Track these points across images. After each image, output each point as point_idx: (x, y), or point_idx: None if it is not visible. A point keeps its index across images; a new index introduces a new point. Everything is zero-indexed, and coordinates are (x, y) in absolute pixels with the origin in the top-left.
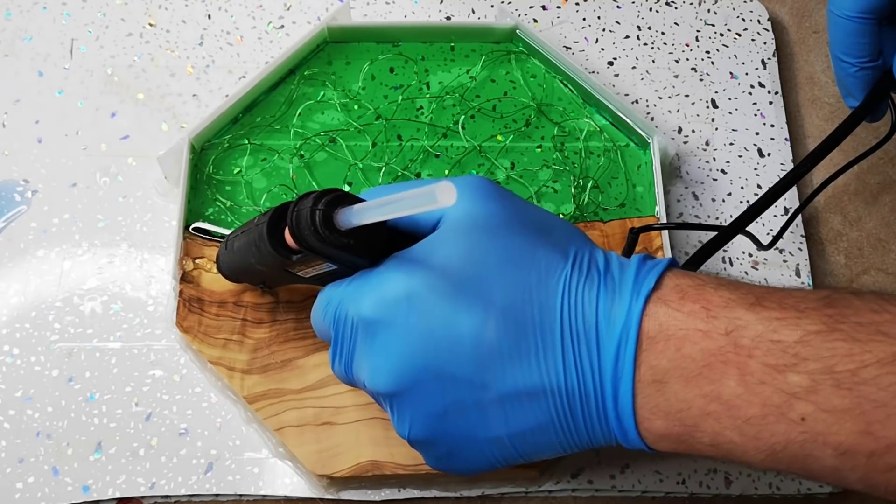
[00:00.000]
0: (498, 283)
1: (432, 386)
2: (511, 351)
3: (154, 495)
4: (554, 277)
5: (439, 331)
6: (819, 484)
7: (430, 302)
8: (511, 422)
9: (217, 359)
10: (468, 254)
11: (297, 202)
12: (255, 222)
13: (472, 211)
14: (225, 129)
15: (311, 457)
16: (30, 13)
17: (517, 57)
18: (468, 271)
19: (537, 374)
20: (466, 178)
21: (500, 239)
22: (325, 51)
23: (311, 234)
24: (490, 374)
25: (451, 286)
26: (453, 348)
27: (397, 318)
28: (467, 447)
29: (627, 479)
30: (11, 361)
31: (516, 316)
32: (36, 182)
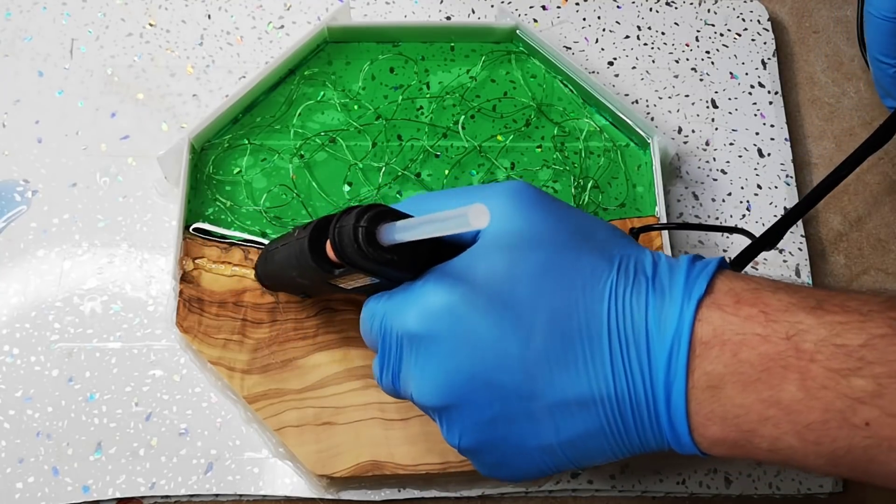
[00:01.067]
0: (542, 292)
1: (480, 397)
2: (559, 360)
3: (154, 495)
4: (599, 284)
5: (484, 343)
6: (819, 484)
7: (473, 315)
8: (561, 430)
9: (217, 359)
10: (510, 264)
11: (339, 218)
12: (295, 235)
13: (511, 220)
14: (225, 129)
15: (311, 457)
16: (30, 13)
17: (517, 57)
18: (510, 282)
19: (586, 383)
20: (506, 184)
21: (542, 247)
22: (325, 51)
23: (354, 252)
24: (538, 384)
25: (493, 298)
26: (500, 360)
27: (441, 332)
28: (518, 455)
29: (627, 479)
30: (11, 361)
31: (562, 325)
32: (36, 182)
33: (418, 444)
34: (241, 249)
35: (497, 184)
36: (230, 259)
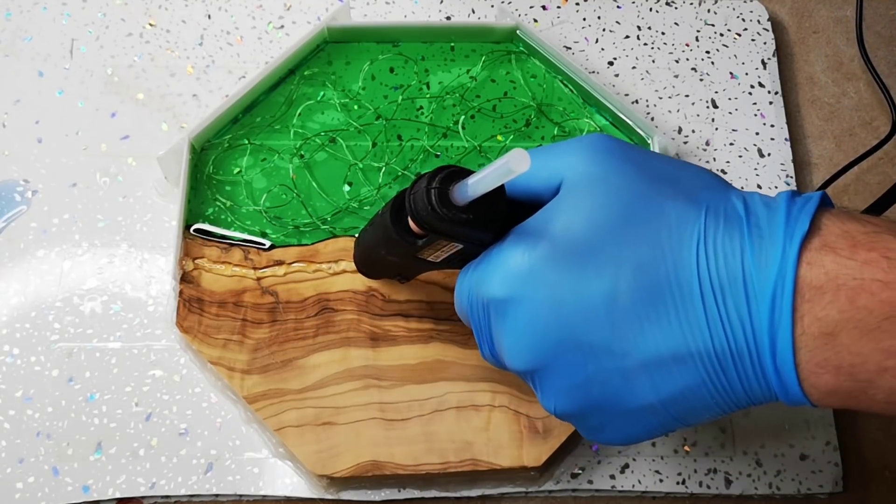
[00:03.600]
0: (624, 243)
1: (571, 358)
2: (648, 314)
3: (154, 495)
4: (686, 230)
5: (569, 301)
6: (819, 484)
7: (555, 272)
8: (659, 388)
9: (217, 359)
10: (589, 217)
11: (411, 186)
12: (379, 214)
13: (589, 171)
14: (225, 129)
15: (311, 457)
16: (30, 13)
17: (517, 57)
18: (591, 235)
19: (680, 336)
20: (583, 138)
21: (622, 197)
22: (325, 51)
23: (429, 215)
24: (629, 341)
25: (574, 253)
26: (587, 317)
27: (525, 293)
28: (619, 417)
29: (627, 479)
30: (11, 361)
31: (649, 277)
32: (36, 182)
33: (418, 444)
34: (241, 249)
35: (575, 139)
36: (230, 259)
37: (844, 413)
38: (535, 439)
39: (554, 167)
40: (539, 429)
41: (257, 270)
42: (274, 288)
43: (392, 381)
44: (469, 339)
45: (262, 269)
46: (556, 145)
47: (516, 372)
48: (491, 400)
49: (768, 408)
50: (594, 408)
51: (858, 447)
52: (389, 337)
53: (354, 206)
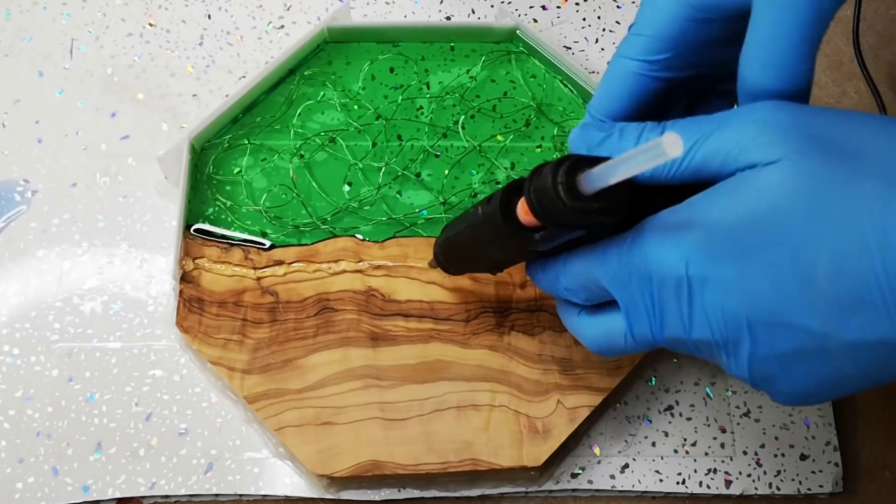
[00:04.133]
0: (821, 230)
1: (766, 333)
2: (853, 304)
3: (154, 495)
4: (892, 213)
5: (761, 283)
6: (819, 484)
7: (743, 254)
8: (860, 361)
9: (217, 359)
10: (778, 203)
11: (529, 182)
12: (477, 212)
13: (766, 153)
14: (225, 129)
15: (311, 457)
16: (30, 13)
17: (517, 57)
18: (782, 220)
19: (889, 326)
20: (752, 109)
21: (812, 181)
22: (325, 51)
23: (560, 210)
24: (829, 325)
25: (764, 237)
26: (781, 300)
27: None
28: (814, 384)
29: (627, 479)
30: (11, 361)
31: (850, 266)
32: (36, 182)
33: (418, 444)
34: (241, 249)
35: (740, 110)
36: (230, 259)
37: (844, 413)
38: (535, 439)
39: (722, 149)
40: (539, 429)
41: (257, 270)
42: (274, 288)
43: (392, 380)
44: (469, 339)
45: (262, 269)
46: (713, 119)
47: (698, 342)
48: (491, 400)
49: (768, 408)
50: (789, 377)
51: (858, 447)
52: (389, 337)
53: (354, 206)
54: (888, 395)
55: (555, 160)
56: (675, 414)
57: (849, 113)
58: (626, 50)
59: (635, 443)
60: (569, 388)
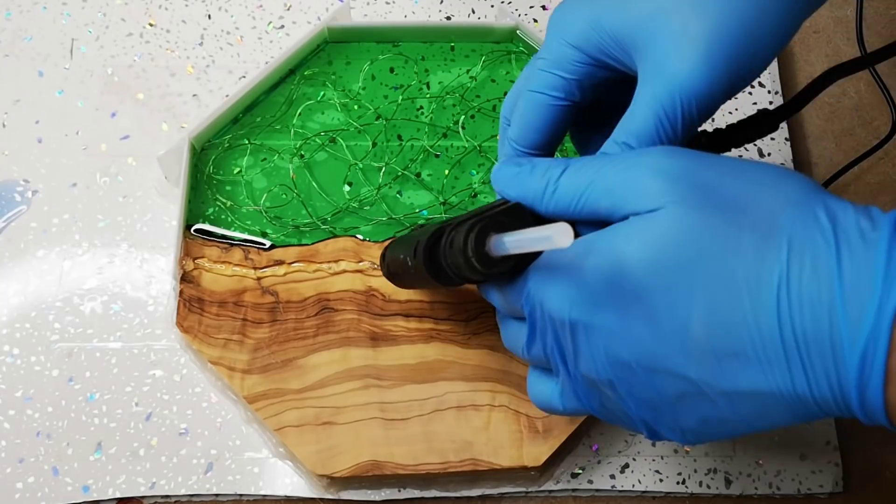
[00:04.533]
0: (697, 282)
1: (646, 378)
2: (726, 353)
3: (154, 495)
4: (766, 271)
5: (640, 332)
6: (819, 484)
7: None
8: (739, 409)
9: (217, 359)
10: (656, 253)
11: (444, 250)
12: (407, 262)
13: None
14: (225, 129)
15: (311, 457)
16: (30, 13)
17: (517, 57)
18: (659, 271)
19: (762, 378)
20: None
21: (691, 233)
22: (325, 51)
23: (471, 273)
24: (706, 374)
25: (641, 287)
26: (659, 348)
27: (593, 319)
28: (697, 423)
29: (627, 479)
30: (11, 361)
31: (725, 319)
32: (36, 182)
33: (418, 444)
34: (241, 249)
35: (631, 156)
36: (230, 259)
37: None
38: (535, 439)
39: (611, 192)
40: (539, 429)
41: (257, 270)
42: (274, 288)
43: (392, 380)
44: (469, 339)
45: (263, 269)
46: (612, 164)
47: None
48: (491, 400)
49: None
50: (673, 415)
51: (858, 447)
52: (389, 337)
53: (354, 206)
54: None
55: (464, 225)
56: None
57: (742, 163)
58: (535, 84)
59: (635, 443)
60: None
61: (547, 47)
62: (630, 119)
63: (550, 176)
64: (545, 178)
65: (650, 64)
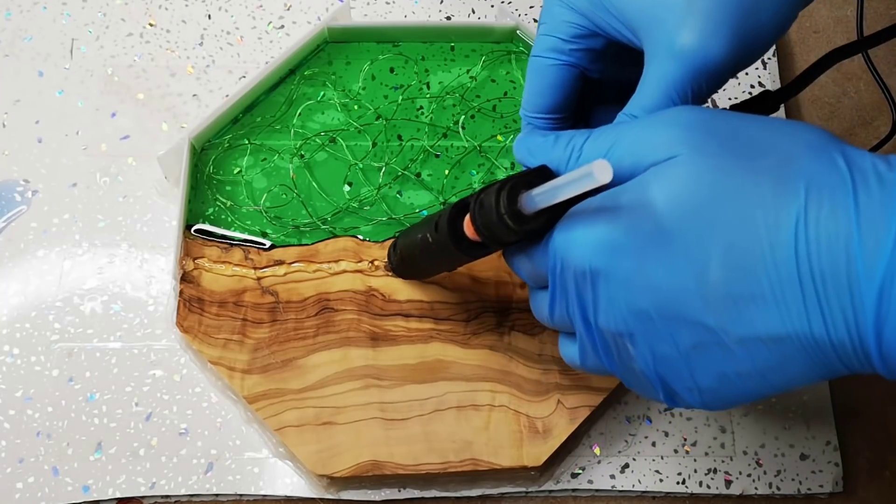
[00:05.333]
0: (715, 223)
1: (664, 328)
2: (743, 295)
3: (154, 495)
4: (784, 209)
5: (659, 277)
6: (819, 484)
7: (643, 249)
8: (756, 360)
9: (217, 359)
10: (675, 197)
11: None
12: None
13: (673, 152)
14: (225, 129)
15: (311, 457)
16: (30, 13)
17: (517, 57)
18: (678, 215)
19: (778, 321)
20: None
21: (710, 175)
22: (325, 51)
23: (506, 234)
24: (724, 319)
25: (661, 231)
26: (677, 294)
27: (614, 266)
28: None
29: (627, 479)
30: (11, 361)
31: (742, 258)
32: (36, 182)
33: (418, 444)
34: (241, 249)
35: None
36: (230, 259)
37: (844, 413)
38: (535, 439)
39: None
40: (539, 429)
41: (257, 270)
42: (274, 288)
43: (392, 380)
44: (469, 339)
45: (263, 269)
46: (632, 126)
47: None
48: (491, 400)
49: (768, 408)
50: (689, 372)
51: (858, 447)
52: (389, 337)
53: (354, 206)
54: (888, 395)
55: (493, 186)
56: (675, 414)
57: (755, 116)
58: (537, 49)
59: (635, 443)
60: (569, 387)
61: (547, 11)
62: (640, 95)
63: (574, 144)
64: (569, 147)
65: (657, 39)
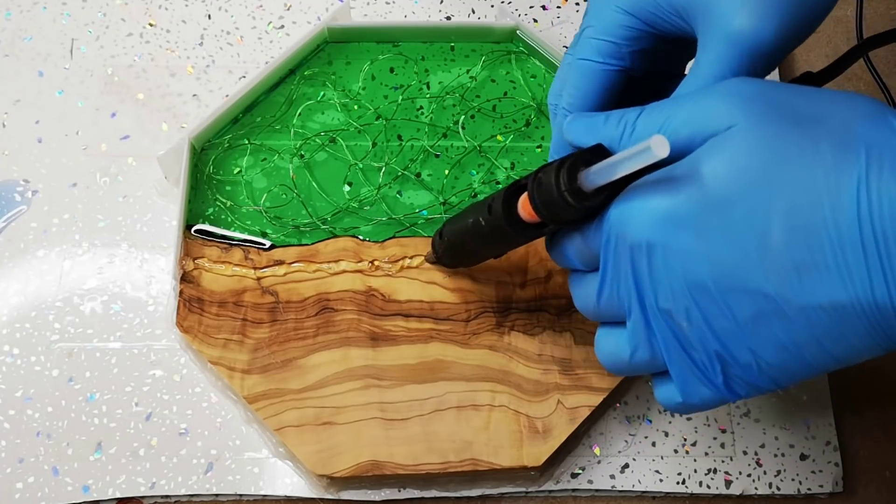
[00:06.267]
0: (776, 187)
1: (723, 299)
2: (804, 261)
3: (154, 495)
4: (846, 171)
5: (719, 246)
6: (819, 484)
7: (702, 219)
8: (817, 331)
9: (217, 359)
10: (736, 164)
11: (533, 193)
12: (479, 221)
13: (731, 122)
14: (225, 129)
15: (311, 457)
16: (30, 13)
17: (517, 57)
18: (739, 181)
19: (840, 287)
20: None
21: (771, 142)
22: (325, 51)
23: (568, 213)
24: (785, 288)
25: (722, 199)
26: (739, 263)
27: (672, 238)
28: (776, 352)
29: (627, 479)
30: (11, 361)
31: (804, 221)
32: (36, 182)
33: (418, 444)
34: (241, 249)
35: (710, 88)
36: (230, 259)
37: (844, 413)
38: (535, 439)
39: (688, 122)
40: (539, 429)
41: (257, 270)
42: (274, 288)
43: (392, 380)
44: (469, 339)
45: (263, 269)
46: (685, 99)
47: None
48: (491, 400)
49: (768, 408)
50: (749, 345)
51: (858, 447)
52: (389, 337)
53: (354, 206)
54: (888, 395)
55: (551, 165)
56: (675, 414)
57: (808, 87)
58: (585, 52)
59: (635, 443)
60: (569, 387)
61: (595, 14)
62: (694, 77)
63: (627, 119)
64: (622, 124)
65: (711, 23)
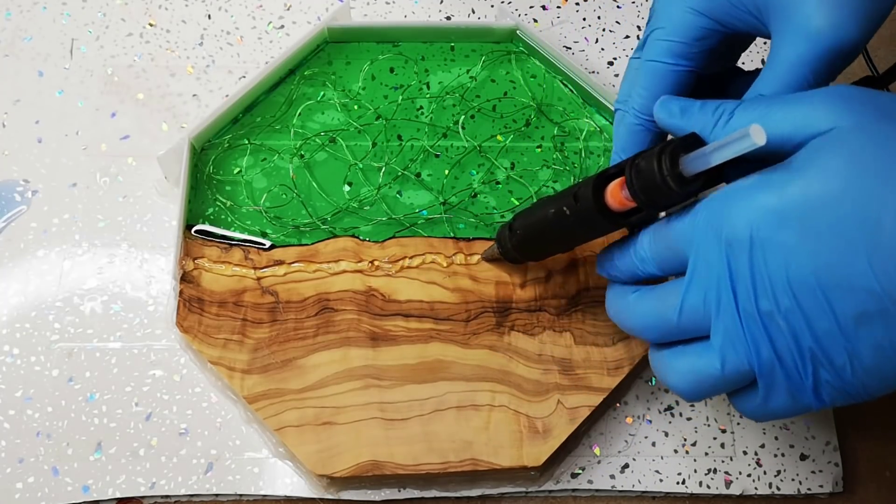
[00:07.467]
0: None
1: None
2: None
3: (154, 495)
4: None
5: (826, 242)
6: (819, 484)
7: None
8: None
9: (217, 359)
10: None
11: (631, 178)
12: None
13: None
14: (225, 129)
15: (311, 457)
16: (30, 13)
17: (517, 57)
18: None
19: None
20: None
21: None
22: (325, 51)
23: (668, 197)
24: (893, 282)
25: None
26: (846, 259)
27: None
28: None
29: (627, 479)
30: (11, 361)
31: None
32: (36, 182)
33: (418, 444)
34: (241, 249)
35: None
36: (230, 259)
37: (844, 413)
38: (535, 439)
39: (789, 119)
40: (539, 429)
41: (257, 270)
42: (274, 288)
43: (392, 380)
44: (469, 339)
45: (263, 269)
46: (792, 99)
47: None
48: (491, 400)
49: None
50: (848, 347)
51: (858, 447)
52: (389, 337)
53: (354, 206)
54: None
55: (650, 152)
56: (675, 414)
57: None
58: (655, 53)
59: (635, 443)
60: (569, 387)
61: (664, 15)
62: (772, 73)
63: (724, 109)
64: (718, 112)
65: (789, 20)
